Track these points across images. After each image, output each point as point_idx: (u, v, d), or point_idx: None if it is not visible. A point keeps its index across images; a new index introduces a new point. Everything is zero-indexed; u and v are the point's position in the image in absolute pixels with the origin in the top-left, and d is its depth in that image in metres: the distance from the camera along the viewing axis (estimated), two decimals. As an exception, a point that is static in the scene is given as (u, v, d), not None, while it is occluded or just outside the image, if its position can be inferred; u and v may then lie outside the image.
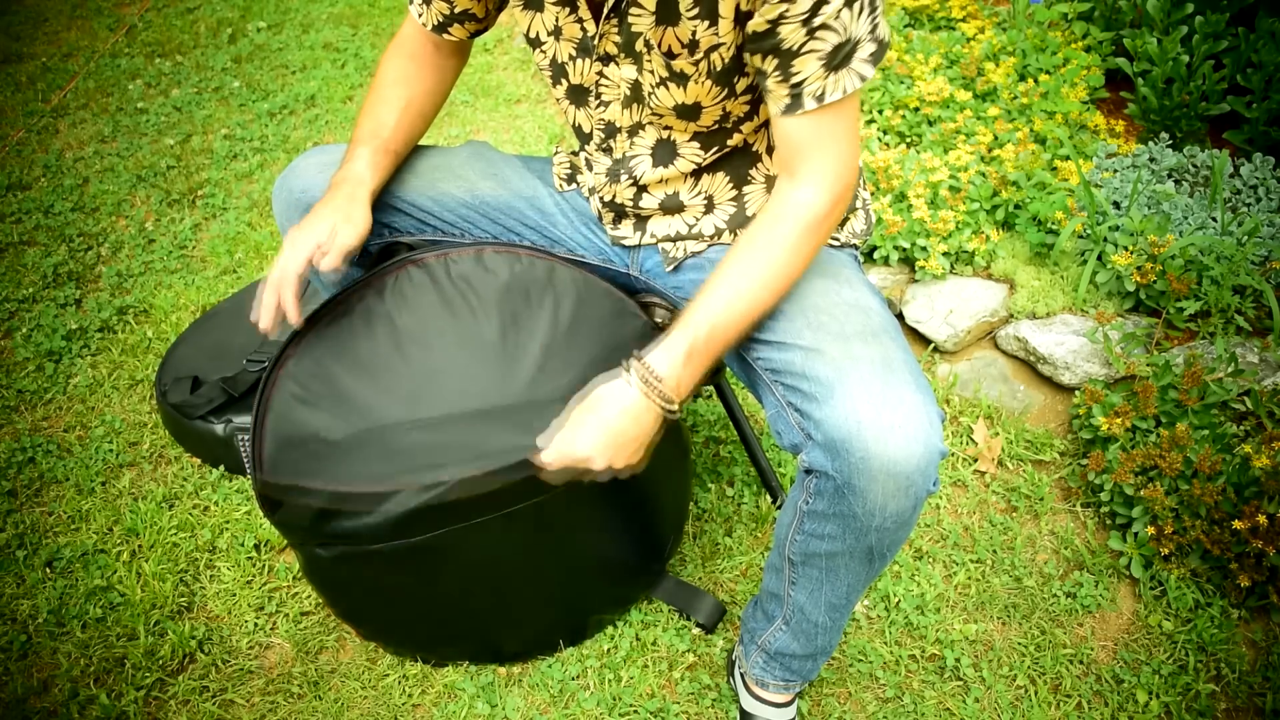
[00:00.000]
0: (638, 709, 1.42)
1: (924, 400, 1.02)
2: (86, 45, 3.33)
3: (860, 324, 1.09)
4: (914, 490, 1.02)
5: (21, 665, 1.51)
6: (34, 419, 1.93)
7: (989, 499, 1.69)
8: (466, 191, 1.31)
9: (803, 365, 1.07)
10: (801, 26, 0.97)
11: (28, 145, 2.79)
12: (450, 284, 1.29)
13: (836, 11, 0.96)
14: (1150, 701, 1.40)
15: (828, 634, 1.24)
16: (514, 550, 1.31)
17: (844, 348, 1.06)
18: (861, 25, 0.99)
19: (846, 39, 0.99)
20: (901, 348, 1.08)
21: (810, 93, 1.01)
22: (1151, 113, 2.19)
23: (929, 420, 1.01)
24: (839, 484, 1.03)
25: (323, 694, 1.46)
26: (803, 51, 0.99)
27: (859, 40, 1.00)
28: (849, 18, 0.97)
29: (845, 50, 0.99)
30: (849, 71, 1.01)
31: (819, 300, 1.12)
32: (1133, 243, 1.88)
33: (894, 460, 1.00)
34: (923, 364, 1.92)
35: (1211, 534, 1.48)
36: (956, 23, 2.62)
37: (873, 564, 1.13)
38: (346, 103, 2.97)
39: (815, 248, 1.09)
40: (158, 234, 2.41)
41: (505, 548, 1.30)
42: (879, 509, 1.03)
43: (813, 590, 1.18)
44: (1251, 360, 1.73)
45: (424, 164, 1.33)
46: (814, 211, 1.07)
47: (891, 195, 2.04)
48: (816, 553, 1.13)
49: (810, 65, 1.00)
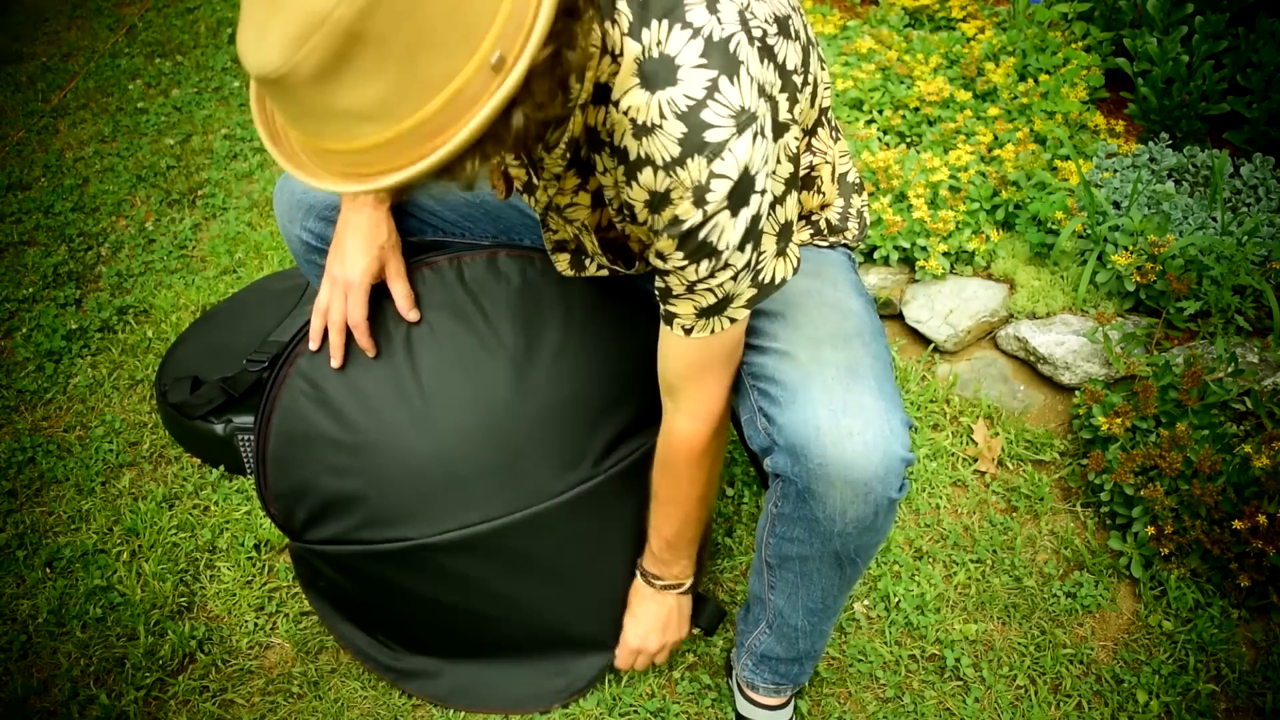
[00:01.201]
0: (638, 709, 1.42)
1: (886, 407, 1.02)
2: (86, 45, 3.33)
3: (834, 327, 1.09)
4: (873, 497, 1.02)
5: (21, 665, 1.51)
6: (34, 419, 1.93)
7: (989, 499, 1.69)
8: (469, 191, 1.31)
9: (774, 368, 1.07)
10: (683, 284, 0.96)
11: (28, 145, 2.79)
12: (462, 288, 1.28)
13: (720, 283, 0.96)
14: (1150, 701, 1.40)
15: (809, 639, 1.25)
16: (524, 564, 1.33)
17: (813, 352, 1.06)
18: (742, 285, 0.98)
19: (724, 297, 0.98)
20: (873, 353, 1.08)
21: (680, 325, 1.01)
22: (1151, 113, 2.19)
23: (889, 428, 1.01)
24: (800, 488, 1.04)
25: (323, 694, 1.46)
26: (680, 298, 0.99)
27: (738, 294, 0.99)
28: (731, 285, 0.97)
29: (720, 305, 0.99)
30: (719, 319, 1.01)
31: (801, 300, 1.13)
32: (1133, 243, 1.88)
33: (851, 466, 1.00)
34: (922, 364, 1.92)
35: (1211, 534, 1.48)
36: (956, 23, 2.61)
37: (843, 569, 1.13)
38: (346, 103, 2.97)
39: (709, 465, 1.16)
40: (158, 234, 2.41)
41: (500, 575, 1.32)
42: (839, 514, 1.03)
43: (790, 594, 1.19)
44: (1251, 360, 1.73)
45: None
46: (697, 443, 1.13)
47: (891, 195, 2.04)
48: (789, 555, 1.14)
49: (684, 308, 1.00)
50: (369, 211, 1.21)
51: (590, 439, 1.30)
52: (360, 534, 1.28)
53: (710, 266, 0.93)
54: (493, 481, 1.26)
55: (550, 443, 1.28)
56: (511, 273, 1.29)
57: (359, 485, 1.25)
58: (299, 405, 1.26)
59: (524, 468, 1.27)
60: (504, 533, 1.27)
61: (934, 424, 1.82)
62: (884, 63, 2.40)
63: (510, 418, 1.26)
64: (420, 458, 1.24)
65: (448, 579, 1.30)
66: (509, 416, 1.26)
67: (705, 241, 0.91)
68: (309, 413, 1.25)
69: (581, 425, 1.30)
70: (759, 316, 1.13)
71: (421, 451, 1.24)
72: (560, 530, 1.30)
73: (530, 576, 1.31)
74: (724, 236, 0.91)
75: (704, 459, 1.14)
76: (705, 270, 0.94)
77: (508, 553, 1.29)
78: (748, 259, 0.94)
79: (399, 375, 1.25)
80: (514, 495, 1.27)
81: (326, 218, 1.25)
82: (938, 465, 1.74)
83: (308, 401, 1.25)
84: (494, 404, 1.26)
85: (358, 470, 1.25)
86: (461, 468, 1.25)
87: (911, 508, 1.68)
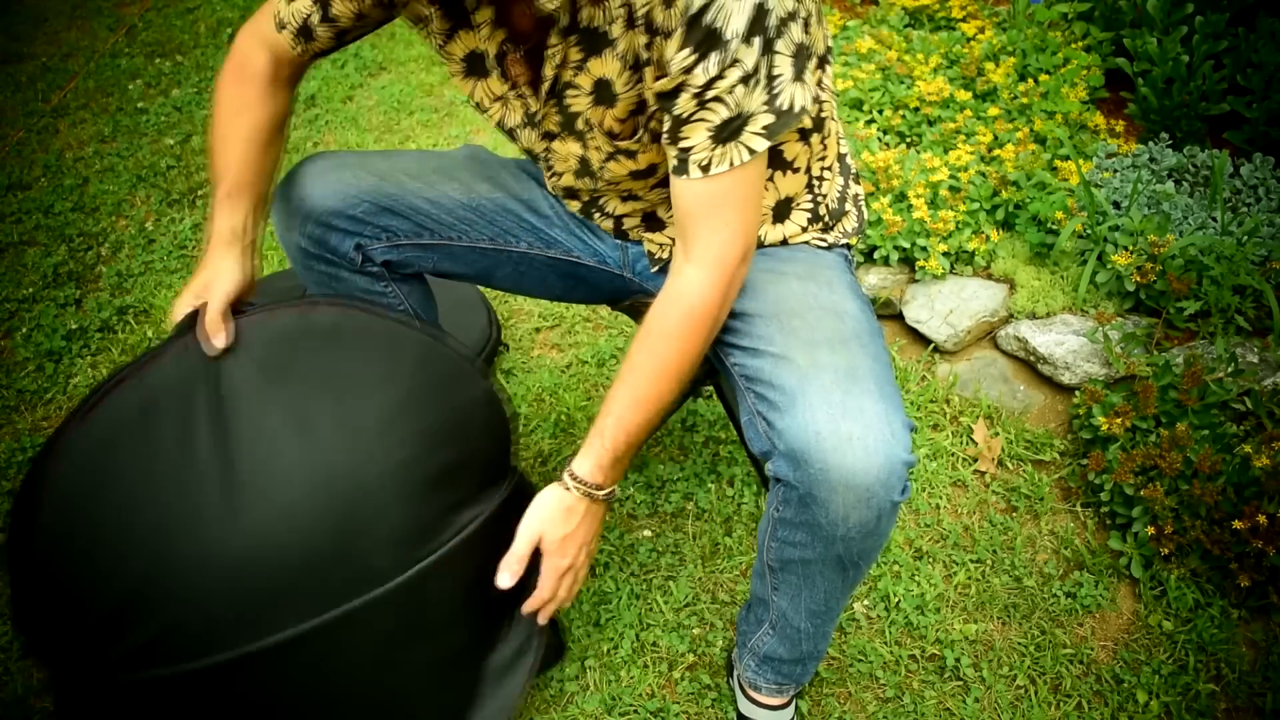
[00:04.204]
0: (638, 709, 1.42)
1: (886, 410, 1.01)
2: (86, 45, 3.33)
3: (831, 330, 1.08)
4: (875, 502, 1.01)
5: (22, 665, 1.51)
6: (34, 419, 1.93)
7: (989, 499, 1.69)
8: (463, 193, 1.31)
9: (770, 373, 1.06)
10: (694, 98, 0.97)
11: (28, 145, 2.79)
12: (266, 347, 1.12)
13: (730, 86, 0.95)
14: (1150, 701, 1.40)
15: (812, 640, 1.24)
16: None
17: (810, 355, 1.05)
18: (755, 100, 0.97)
19: (737, 113, 0.97)
20: (871, 355, 1.07)
21: (696, 162, 1.00)
22: (1151, 113, 2.19)
23: (890, 431, 1.00)
24: (801, 494, 1.03)
25: None
26: (692, 120, 0.98)
27: (752, 114, 0.98)
28: (742, 93, 0.96)
29: (735, 124, 0.98)
30: (737, 145, 0.99)
31: (795, 304, 1.12)
32: (1133, 243, 1.88)
33: (853, 472, 0.99)
34: (922, 364, 1.92)
35: (1211, 534, 1.48)
36: (956, 23, 2.62)
37: (846, 572, 1.13)
38: (346, 103, 2.97)
39: (705, 339, 1.08)
40: (158, 234, 2.41)
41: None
42: (841, 520, 1.03)
43: (793, 596, 1.18)
44: (1251, 360, 1.73)
45: (421, 166, 1.33)
46: (702, 301, 1.05)
47: (891, 195, 2.04)
48: (791, 559, 1.13)
49: (698, 134, 0.99)
50: (230, 258, 1.18)
51: (428, 509, 1.14)
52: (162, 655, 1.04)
53: (719, 61, 0.94)
54: (321, 570, 1.07)
55: (387, 518, 1.11)
56: (324, 325, 1.14)
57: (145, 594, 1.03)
58: (71, 490, 1.04)
59: (362, 547, 1.09)
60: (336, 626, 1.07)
61: (934, 424, 1.82)
62: (884, 63, 2.40)
63: (337, 492, 1.08)
64: (231, 551, 1.04)
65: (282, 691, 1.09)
66: (335, 491, 1.08)
67: (711, 28, 0.92)
68: (83, 503, 1.03)
69: (418, 495, 1.13)
70: (752, 319, 1.12)
71: (232, 544, 1.04)
72: (398, 616, 1.12)
73: (363, 671, 1.12)
74: (730, 22, 0.92)
75: (702, 325, 1.06)
76: (714, 67, 0.94)
77: (345, 648, 1.10)
78: (756, 61, 0.95)
79: (200, 446, 1.06)
80: (346, 584, 1.08)
81: (325, 223, 1.25)
82: (938, 465, 1.74)
83: (76, 491, 1.04)
84: (314, 478, 1.08)
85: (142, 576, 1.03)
86: (285, 557, 1.06)
87: (911, 508, 1.68)
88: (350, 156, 1.29)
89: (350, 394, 1.12)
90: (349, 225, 1.25)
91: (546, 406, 1.90)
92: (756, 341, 1.10)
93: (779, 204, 1.21)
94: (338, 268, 1.29)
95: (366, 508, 1.09)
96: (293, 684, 1.10)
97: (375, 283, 1.32)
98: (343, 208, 1.24)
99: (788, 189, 1.20)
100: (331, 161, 1.28)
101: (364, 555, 1.09)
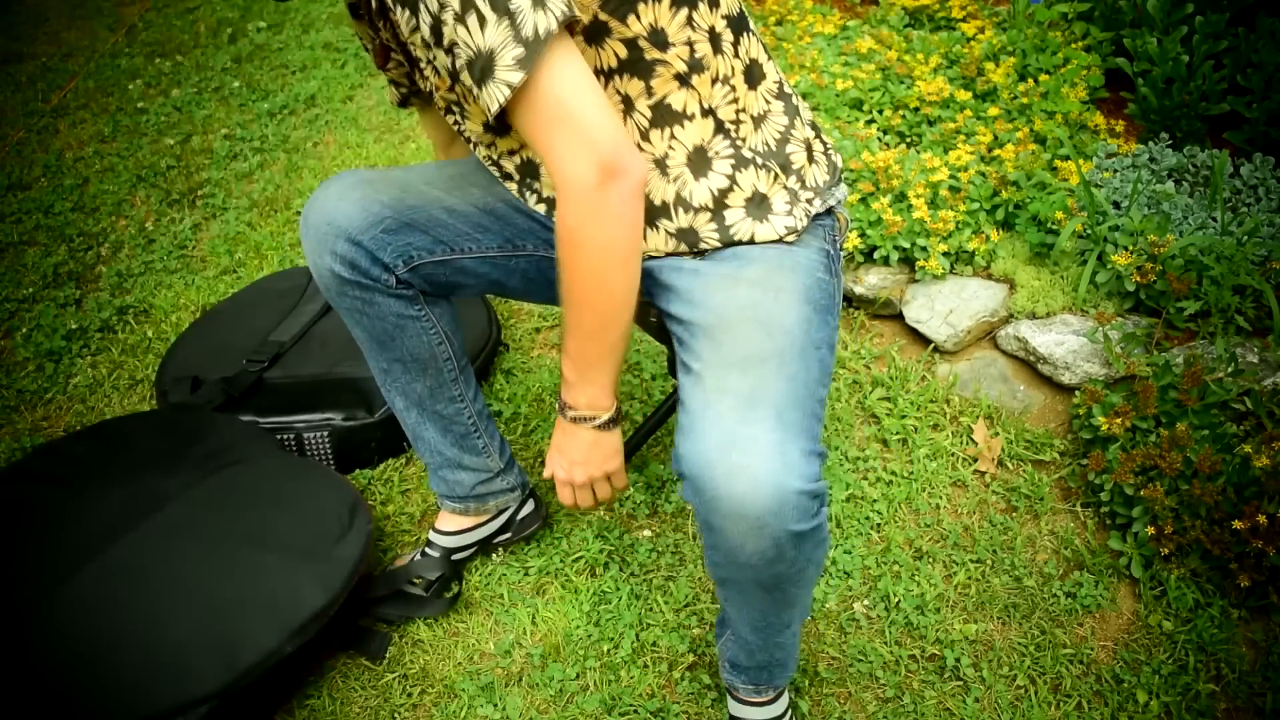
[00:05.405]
0: (638, 709, 1.42)
1: (780, 439, 0.98)
2: (86, 45, 3.33)
3: (755, 348, 1.06)
4: (768, 532, 0.98)
5: (21, 665, 1.51)
6: (34, 419, 1.93)
7: (989, 499, 1.70)
8: (480, 198, 1.31)
9: (687, 393, 1.05)
10: (439, 47, 1.00)
11: (28, 145, 2.79)
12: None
13: (453, 30, 0.97)
14: (1150, 701, 1.40)
15: (766, 650, 1.23)
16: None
17: (719, 377, 1.03)
18: (492, 35, 0.96)
19: (476, 51, 0.97)
20: (787, 375, 1.04)
21: (483, 105, 1.01)
22: (1151, 113, 2.19)
23: (782, 461, 0.97)
24: (703, 519, 1.03)
25: (323, 694, 1.46)
26: (459, 70, 1.00)
27: (493, 49, 0.96)
28: (467, 33, 0.96)
29: (482, 63, 0.97)
30: (495, 83, 0.98)
31: (734, 315, 1.10)
32: (1133, 243, 1.88)
33: (741, 502, 0.97)
34: (922, 364, 1.92)
35: (1211, 534, 1.48)
36: (956, 23, 2.62)
37: (772, 594, 1.10)
38: (346, 102, 2.97)
39: (590, 263, 1.04)
40: (158, 234, 2.41)
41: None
42: (739, 548, 1.01)
43: (736, 611, 1.18)
44: (1251, 360, 1.73)
45: (439, 173, 1.33)
46: (565, 227, 1.03)
47: (891, 195, 2.04)
48: (720, 577, 1.12)
49: (466, 79, 1.00)
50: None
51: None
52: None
53: (428, 10, 0.98)
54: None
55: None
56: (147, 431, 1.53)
57: None
58: None
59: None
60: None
61: (934, 424, 1.82)
62: (884, 63, 2.40)
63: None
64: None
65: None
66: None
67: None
68: None
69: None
70: (694, 330, 1.10)
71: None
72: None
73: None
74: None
75: (578, 249, 1.04)
76: (427, 17, 0.98)
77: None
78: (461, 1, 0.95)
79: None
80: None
81: (355, 240, 1.25)
82: (938, 465, 1.74)
83: None
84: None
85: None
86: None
87: (911, 508, 1.68)
88: (368, 172, 1.30)
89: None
90: (375, 244, 1.26)
91: (546, 406, 1.90)
92: (688, 355, 1.10)
93: (694, 155, 1.16)
94: (371, 291, 1.29)
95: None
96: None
97: (410, 306, 1.32)
98: (368, 223, 1.25)
99: (692, 139, 1.15)
100: (350, 180, 1.28)
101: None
